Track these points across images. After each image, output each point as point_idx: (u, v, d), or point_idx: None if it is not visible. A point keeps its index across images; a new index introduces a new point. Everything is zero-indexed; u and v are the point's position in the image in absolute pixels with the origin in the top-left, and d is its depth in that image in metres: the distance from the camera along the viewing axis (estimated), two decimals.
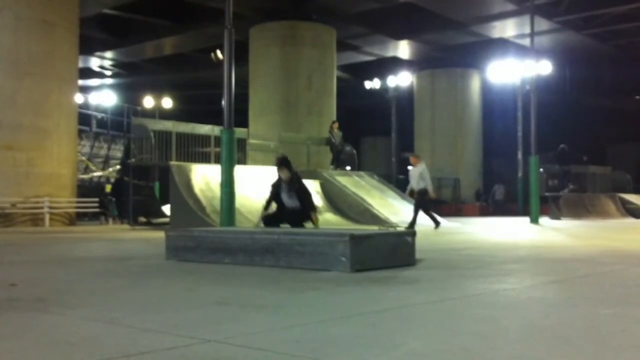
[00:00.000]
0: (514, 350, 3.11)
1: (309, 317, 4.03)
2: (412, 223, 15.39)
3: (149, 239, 12.86)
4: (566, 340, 3.29)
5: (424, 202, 16.16)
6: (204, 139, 19.25)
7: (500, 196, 34.83)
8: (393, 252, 6.95)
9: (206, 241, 7.74)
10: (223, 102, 14.19)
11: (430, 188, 16.12)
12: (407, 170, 40.20)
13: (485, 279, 5.92)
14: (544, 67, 27.92)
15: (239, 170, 15.39)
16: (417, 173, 16.11)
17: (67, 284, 5.81)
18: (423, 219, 19.53)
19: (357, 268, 6.30)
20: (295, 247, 6.85)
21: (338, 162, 22.30)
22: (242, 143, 19.66)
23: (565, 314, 4.07)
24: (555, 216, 23.96)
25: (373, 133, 47.84)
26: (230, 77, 14.13)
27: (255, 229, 9.64)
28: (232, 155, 14.33)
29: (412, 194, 16.57)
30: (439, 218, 16.86)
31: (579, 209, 24.71)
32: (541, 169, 24.23)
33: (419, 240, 7.45)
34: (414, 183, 16.19)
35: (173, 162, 17.39)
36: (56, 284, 5.81)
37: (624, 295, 4.91)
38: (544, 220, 22.25)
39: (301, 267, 6.60)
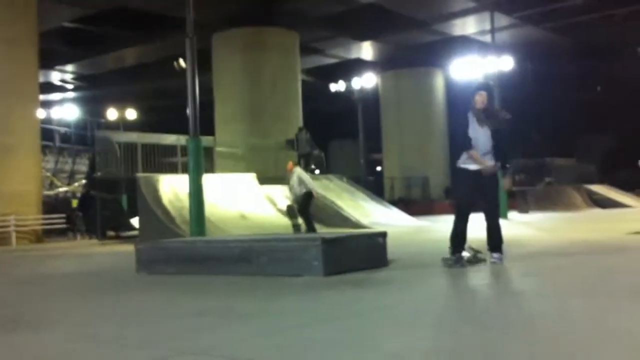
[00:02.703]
0: (487, 345, 3.14)
1: (287, 322, 4.04)
2: (311, 228, 15.07)
3: (117, 252, 12.74)
4: (538, 331, 3.33)
5: (307, 204, 15.67)
6: (171, 149, 19.12)
7: None
8: (365, 254, 6.97)
9: (177, 252, 7.69)
10: (188, 111, 14.12)
11: (313, 188, 15.49)
12: (376, 172, 40.40)
13: (456, 277, 5.97)
14: (506, 63, 28.19)
15: (207, 179, 15.31)
16: (296, 179, 15.68)
17: (38, 303, 5.73)
18: (399, 220, 19.66)
19: (330, 271, 6.31)
20: (268, 254, 6.84)
21: (307, 167, 22.27)
22: (209, 152, 19.56)
23: (537, 306, 4.12)
24: (524, 210, 24.21)
25: (340, 136, 47.89)
26: (194, 86, 14.07)
27: (227, 237, 9.52)
28: (200, 164, 14.25)
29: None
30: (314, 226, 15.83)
31: (546, 202, 25.02)
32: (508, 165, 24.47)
33: (392, 241, 7.47)
34: (297, 190, 15.55)
35: (140, 174, 17.24)
36: (27, 304, 5.72)
37: (592, 285, 4.98)
38: (513, 214, 22.46)
39: (275, 274, 6.58)
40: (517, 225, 16.09)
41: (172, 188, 16.88)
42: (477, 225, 6.53)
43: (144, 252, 8.05)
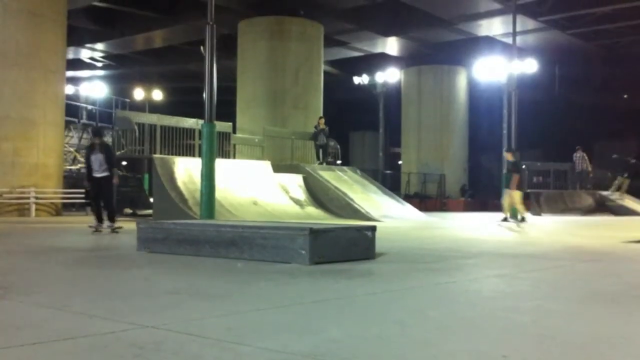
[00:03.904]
0: (425, 338, 3.37)
1: (251, 306, 4.28)
2: None
3: (128, 230, 13.05)
4: (478, 328, 3.57)
5: None
6: (190, 132, 19.50)
7: None
8: (352, 245, 7.21)
9: (174, 233, 7.98)
10: (204, 96, 14.42)
11: None
12: (398, 165, 40.59)
13: (434, 273, 6.20)
14: (529, 66, 28.17)
15: (222, 164, 15.60)
16: None
17: (33, 273, 6.05)
18: (408, 215, 19.88)
19: (315, 261, 6.57)
20: (258, 240, 7.11)
21: (325, 158, 22.56)
22: (228, 137, 19.96)
23: (490, 306, 4.34)
24: (536, 212, 24.27)
25: (362, 128, 48.11)
26: (211, 72, 14.36)
27: (220, 222, 9.79)
28: (213, 148, 14.55)
29: None
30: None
31: (559, 205, 25.07)
32: (523, 166, 24.51)
33: (390, 235, 7.69)
34: None
35: (156, 155, 17.62)
36: (22, 273, 6.06)
37: (552, 289, 5.19)
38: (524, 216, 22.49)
39: (263, 260, 6.86)
40: (524, 227, 16.22)
41: (187, 170, 17.26)
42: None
43: (144, 231, 8.39)
